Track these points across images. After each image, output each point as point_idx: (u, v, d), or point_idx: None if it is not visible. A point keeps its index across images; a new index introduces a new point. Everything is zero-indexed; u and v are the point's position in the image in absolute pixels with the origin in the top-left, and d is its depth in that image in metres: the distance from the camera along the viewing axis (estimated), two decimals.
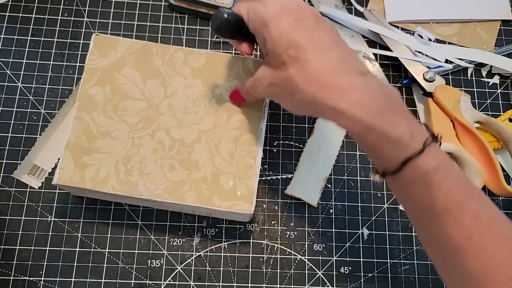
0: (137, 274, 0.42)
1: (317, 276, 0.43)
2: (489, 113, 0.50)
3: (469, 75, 0.51)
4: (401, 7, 0.53)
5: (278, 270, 0.43)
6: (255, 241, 0.44)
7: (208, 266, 0.43)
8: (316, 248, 0.44)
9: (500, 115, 0.49)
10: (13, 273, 0.42)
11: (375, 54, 0.51)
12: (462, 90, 0.49)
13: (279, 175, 0.46)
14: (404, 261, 0.44)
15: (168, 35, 0.50)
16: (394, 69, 0.51)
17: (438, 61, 0.50)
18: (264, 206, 0.45)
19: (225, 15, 0.33)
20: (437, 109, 0.47)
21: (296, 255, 0.44)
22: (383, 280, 0.44)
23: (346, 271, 0.44)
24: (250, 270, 0.43)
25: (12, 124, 0.46)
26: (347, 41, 0.51)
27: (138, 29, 0.50)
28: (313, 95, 0.29)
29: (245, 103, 0.41)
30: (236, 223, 0.44)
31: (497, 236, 0.27)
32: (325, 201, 0.46)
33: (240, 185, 0.39)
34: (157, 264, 0.43)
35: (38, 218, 0.43)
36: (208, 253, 0.43)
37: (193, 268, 0.43)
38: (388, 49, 0.50)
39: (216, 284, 0.43)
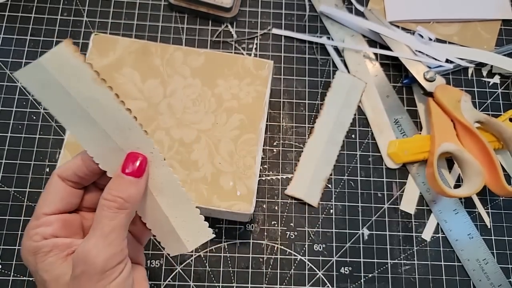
0: None
1: (317, 276, 0.43)
2: (490, 113, 0.49)
3: (469, 75, 0.51)
4: (402, 7, 0.53)
5: (278, 271, 0.43)
6: (255, 241, 0.44)
7: (207, 267, 0.43)
8: (316, 248, 0.44)
9: (501, 115, 0.49)
10: (12, 273, 0.41)
11: (375, 54, 0.51)
12: (462, 90, 0.48)
13: (279, 175, 0.46)
14: (405, 261, 0.44)
15: (167, 35, 0.50)
16: (395, 68, 0.51)
17: (439, 60, 0.50)
18: (264, 206, 0.45)
19: None
20: (438, 109, 0.47)
21: (296, 256, 0.44)
22: (384, 281, 0.43)
23: (347, 271, 0.44)
24: (250, 270, 0.43)
25: (11, 124, 0.45)
26: (347, 40, 0.51)
27: (137, 28, 0.50)
28: None
29: (246, 102, 0.41)
30: (236, 223, 0.44)
31: None
32: (325, 201, 0.45)
33: (240, 185, 0.39)
34: (157, 264, 0.43)
35: None
36: (208, 253, 0.43)
37: (192, 268, 0.43)
38: (388, 48, 0.50)
39: (216, 284, 0.42)
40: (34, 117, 0.46)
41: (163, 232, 0.28)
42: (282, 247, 0.44)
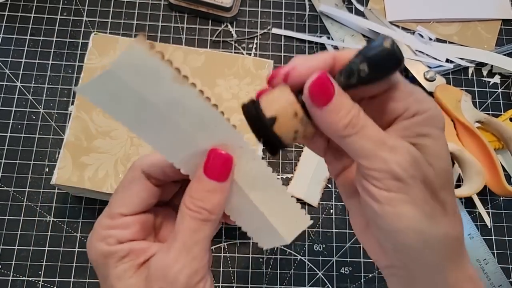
0: None
1: (317, 276, 0.43)
2: (490, 112, 0.49)
3: (469, 75, 0.51)
4: (402, 6, 0.53)
5: (278, 271, 0.43)
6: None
7: None
8: (316, 248, 0.44)
9: (501, 114, 0.49)
10: (12, 273, 0.41)
11: None
12: (462, 89, 0.48)
13: (279, 175, 0.46)
14: None
15: (167, 34, 0.50)
16: None
17: (439, 60, 0.50)
18: None
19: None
20: None
21: (296, 256, 0.44)
22: (384, 281, 0.43)
23: (347, 271, 0.44)
24: (250, 270, 0.43)
25: (11, 124, 0.45)
26: (347, 40, 0.50)
27: (137, 28, 0.50)
28: None
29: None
30: None
31: None
32: (325, 201, 0.45)
33: None
34: None
35: (37, 218, 0.43)
36: None
37: None
38: None
39: (216, 284, 0.42)
40: (34, 117, 0.46)
41: (257, 227, 0.25)
42: (282, 247, 0.44)
